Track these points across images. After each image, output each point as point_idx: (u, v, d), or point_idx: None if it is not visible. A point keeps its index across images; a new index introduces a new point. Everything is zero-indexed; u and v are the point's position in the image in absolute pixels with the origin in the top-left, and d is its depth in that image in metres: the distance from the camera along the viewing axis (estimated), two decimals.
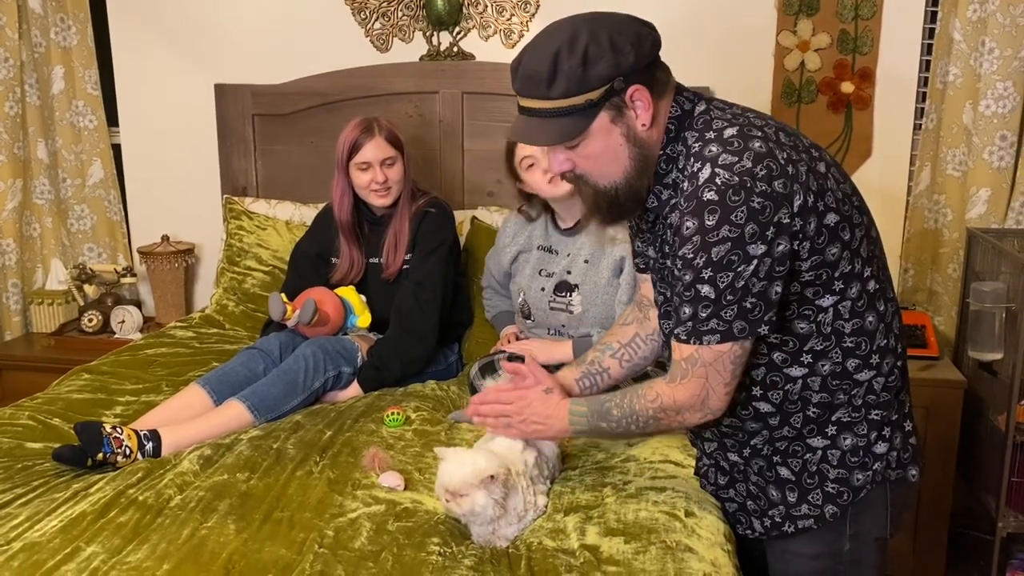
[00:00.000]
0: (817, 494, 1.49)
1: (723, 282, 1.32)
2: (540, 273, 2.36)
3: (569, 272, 2.30)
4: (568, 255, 2.33)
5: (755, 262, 1.31)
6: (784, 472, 1.51)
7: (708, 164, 1.33)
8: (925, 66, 2.84)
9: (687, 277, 1.35)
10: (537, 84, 1.36)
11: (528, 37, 2.97)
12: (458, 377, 2.53)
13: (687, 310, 1.37)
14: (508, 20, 3.00)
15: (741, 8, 2.86)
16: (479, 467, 1.53)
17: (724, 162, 1.32)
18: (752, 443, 1.52)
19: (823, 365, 1.44)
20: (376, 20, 3.06)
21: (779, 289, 1.35)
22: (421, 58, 3.05)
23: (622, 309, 2.16)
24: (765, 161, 1.31)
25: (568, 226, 2.35)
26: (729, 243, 1.31)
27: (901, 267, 2.90)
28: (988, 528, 2.51)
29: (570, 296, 2.29)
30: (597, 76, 1.35)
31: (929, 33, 2.82)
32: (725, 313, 1.34)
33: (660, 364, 2.06)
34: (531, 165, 2.26)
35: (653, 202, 1.47)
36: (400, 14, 3.05)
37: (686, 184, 1.37)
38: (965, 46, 2.68)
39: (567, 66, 1.34)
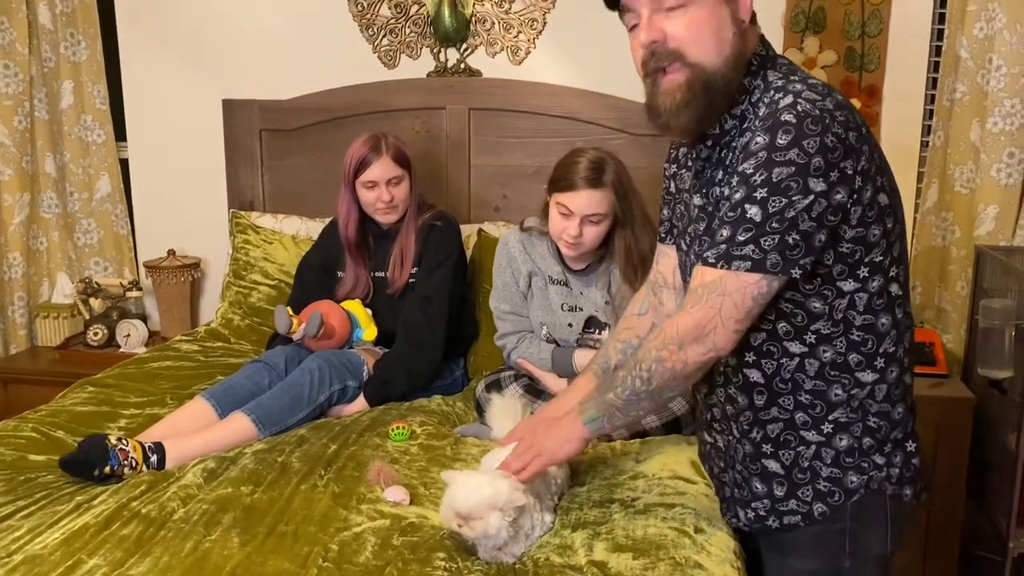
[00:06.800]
0: (807, 490, 1.45)
1: (773, 207, 1.29)
2: (563, 307, 2.31)
3: (597, 310, 2.29)
4: (582, 293, 2.30)
5: (811, 197, 1.28)
6: (773, 465, 1.47)
7: (791, 95, 1.33)
8: (932, 83, 2.84)
9: (738, 195, 1.32)
10: None
11: (535, 54, 3.01)
12: (463, 392, 2.51)
13: (725, 232, 1.32)
14: (515, 37, 3.01)
15: None
16: (501, 493, 1.50)
17: (808, 96, 1.32)
18: (740, 421, 1.48)
19: (825, 351, 1.41)
20: (384, 37, 3.08)
21: (824, 237, 1.32)
22: (428, 74, 3.06)
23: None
24: (845, 111, 1.32)
25: (579, 268, 2.32)
26: (793, 168, 1.28)
27: (909, 284, 2.88)
28: (999, 549, 2.48)
29: (602, 334, 2.26)
30: None
31: (936, 51, 2.82)
32: (764, 241, 1.30)
33: None
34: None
35: (715, 129, 1.43)
36: (408, 31, 3.06)
37: (763, 110, 1.36)
38: (972, 63, 2.68)
39: None
